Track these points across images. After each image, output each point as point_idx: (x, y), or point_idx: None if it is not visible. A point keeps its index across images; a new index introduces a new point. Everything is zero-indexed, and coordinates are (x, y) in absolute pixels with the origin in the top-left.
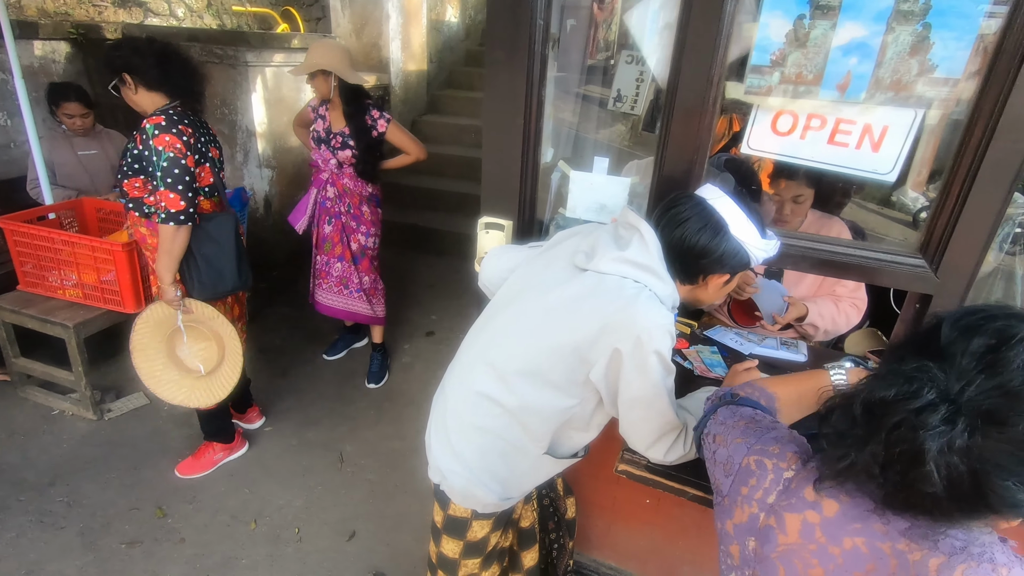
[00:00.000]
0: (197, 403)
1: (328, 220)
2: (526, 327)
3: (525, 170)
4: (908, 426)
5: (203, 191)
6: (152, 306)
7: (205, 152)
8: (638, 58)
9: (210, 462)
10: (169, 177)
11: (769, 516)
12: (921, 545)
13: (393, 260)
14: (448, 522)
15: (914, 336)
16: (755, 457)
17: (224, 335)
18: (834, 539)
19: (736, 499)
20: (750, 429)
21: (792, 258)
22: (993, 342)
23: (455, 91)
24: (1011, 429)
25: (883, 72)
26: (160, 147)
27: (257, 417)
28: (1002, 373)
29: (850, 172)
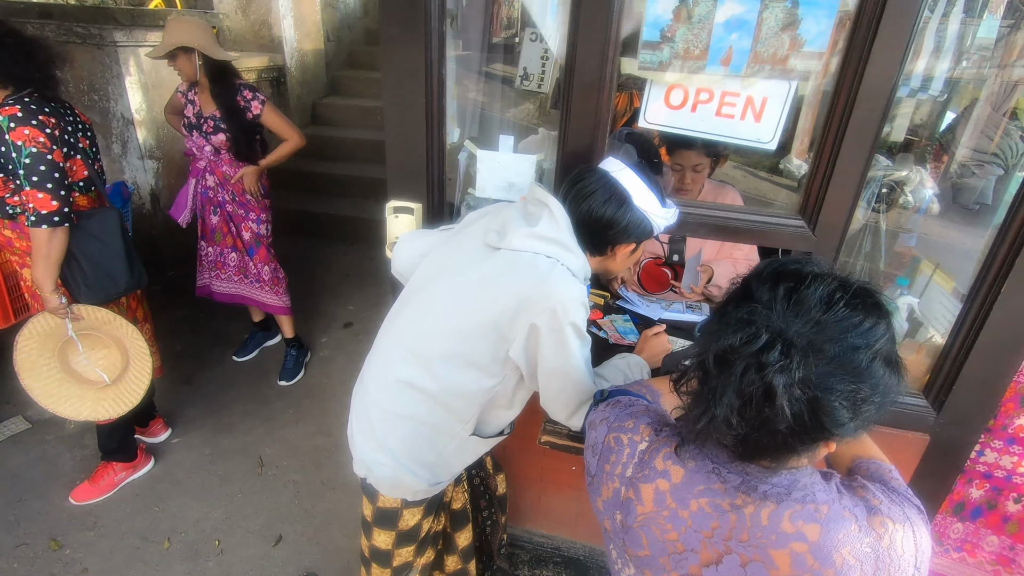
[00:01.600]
0: (107, 414)
1: (213, 210)
2: (443, 310)
3: (431, 151)
4: (755, 368)
5: (77, 186)
6: (35, 318)
7: (74, 143)
8: (541, 36)
9: (110, 484)
10: (35, 175)
11: (629, 489)
12: (753, 497)
13: (304, 250)
14: (378, 514)
15: (730, 296)
16: (614, 435)
17: (125, 338)
18: (683, 503)
19: (602, 477)
20: (612, 410)
21: (691, 225)
22: (791, 284)
23: (357, 71)
24: (828, 354)
25: (761, 47)
26: (19, 142)
27: (162, 429)
28: (808, 309)
29: (737, 142)
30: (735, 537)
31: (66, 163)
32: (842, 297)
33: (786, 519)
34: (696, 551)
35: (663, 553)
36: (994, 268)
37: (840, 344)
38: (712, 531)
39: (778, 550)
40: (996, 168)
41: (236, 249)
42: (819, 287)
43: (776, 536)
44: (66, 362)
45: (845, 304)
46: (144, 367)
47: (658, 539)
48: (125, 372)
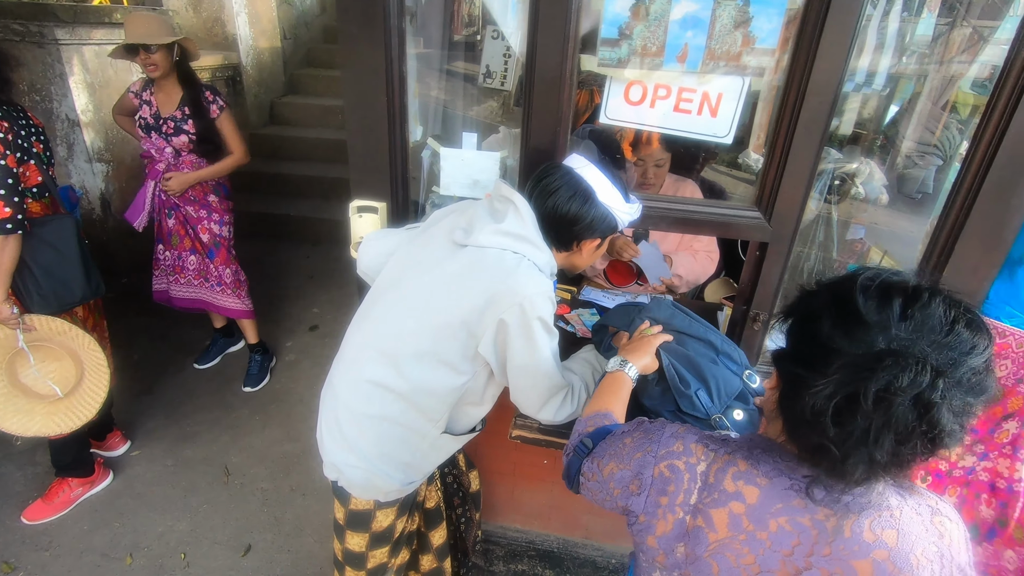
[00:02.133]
0: (59, 429)
1: (168, 212)
2: (412, 308)
3: (394, 149)
4: (915, 403)
5: (30, 192)
6: None
7: (28, 147)
8: (503, 34)
9: (66, 501)
10: None
11: (696, 517)
12: (835, 510)
13: (266, 253)
14: (350, 517)
15: (811, 309)
16: (665, 463)
17: (80, 349)
18: (761, 524)
19: (655, 512)
20: (643, 439)
21: (653, 219)
22: (903, 300)
23: (316, 70)
24: (957, 378)
25: (715, 44)
26: None
27: (120, 442)
28: (932, 329)
29: (695, 136)
30: (816, 552)
31: (19, 168)
32: (959, 317)
33: (867, 528)
34: (773, 571)
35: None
36: (935, 253)
37: (964, 367)
38: (792, 549)
39: (860, 560)
40: (936, 159)
41: (195, 252)
42: (938, 306)
43: (859, 547)
44: (14, 375)
45: (965, 325)
46: (100, 379)
47: (732, 566)
48: (79, 384)
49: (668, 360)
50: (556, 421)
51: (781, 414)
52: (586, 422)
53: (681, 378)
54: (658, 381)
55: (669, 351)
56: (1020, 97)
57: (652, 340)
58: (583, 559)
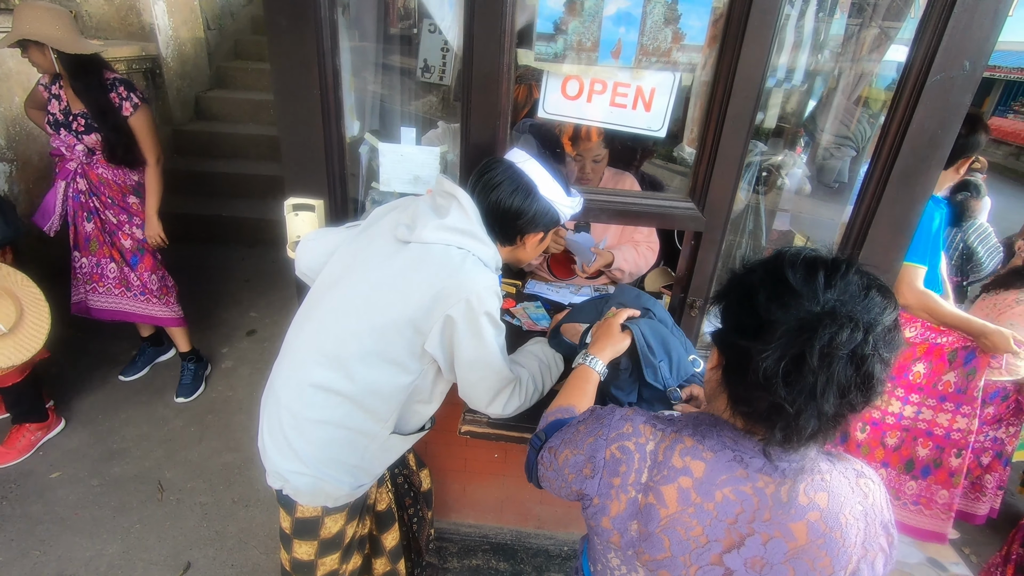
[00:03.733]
0: (9, 363)
1: (87, 216)
2: (356, 308)
3: (329, 145)
4: (853, 359)
5: None
6: None
7: None
8: (439, 27)
9: (27, 444)
10: None
11: (647, 495)
12: (774, 477)
13: (197, 256)
14: (298, 525)
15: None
16: (616, 445)
17: (15, 285)
18: (708, 496)
19: (608, 493)
20: (595, 424)
21: (594, 211)
22: (825, 272)
23: (244, 62)
24: (877, 330)
25: (646, 39)
26: None
27: (56, 422)
28: (853, 295)
29: (630, 130)
30: (758, 518)
31: None
32: (871, 283)
33: (801, 492)
34: (720, 540)
35: (685, 551)
36: (852, 237)
37: (881, 324)
38: (736, 517)
39: (797, 522)
40: (851, 150)
41: (113, 259)
42: (854, 275)
43: (795, 510)
44: None
45: (877, 290)
46: (41, 312)
47: (682, 538)
48: (21, 320)
49: (638, 330)
50: (505, 414)
51: (726, 388)
52: (547, 417)
53: (650, 347)
54: (630, 370)
55: (639, 324)
56: (920, 93)
57: (614, 321)
58: (536, 548)
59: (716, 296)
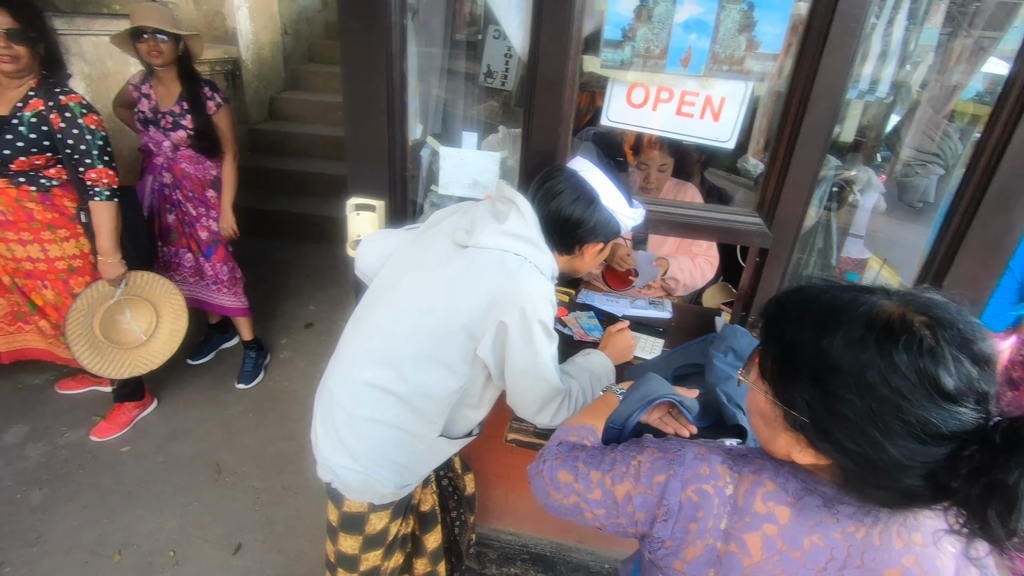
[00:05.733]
0: (146, 369)
1: (169, 208)
2: (411, 310)
3: (392, 147)
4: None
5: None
6: (86, 291)
7: None
8: (504, 34)
9: (126, 421)
10: (106, 156)
11: (728, 543)
12: (864, 521)
13: (263, 250)
14: (344, 519)
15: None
16: (693, 488)
17: (162, 295)
18: (795, 543)
19: (684, 538)
20: (663, 461)
21: (654, 223)
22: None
23: (317, 66)
24: None
25: (718, 47)
26: (92, 126)
27: (150, 400)
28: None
29: (696, 140)
30: (849, 565)
31: None
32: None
33: (895, 535)
34: None
35: None
36: (936, 263)
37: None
38: (826, 564)
39: (891, 568)
40: (938, 167)
41: (190, 250)
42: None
43: (889, 555)
44: (107, 327)
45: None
46: (180, 319)
47: None
48: (158, 328)
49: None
50: (552, 425)
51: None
52: (568, 431)
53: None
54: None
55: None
56: (1023, 109)
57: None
58: (576, 563)
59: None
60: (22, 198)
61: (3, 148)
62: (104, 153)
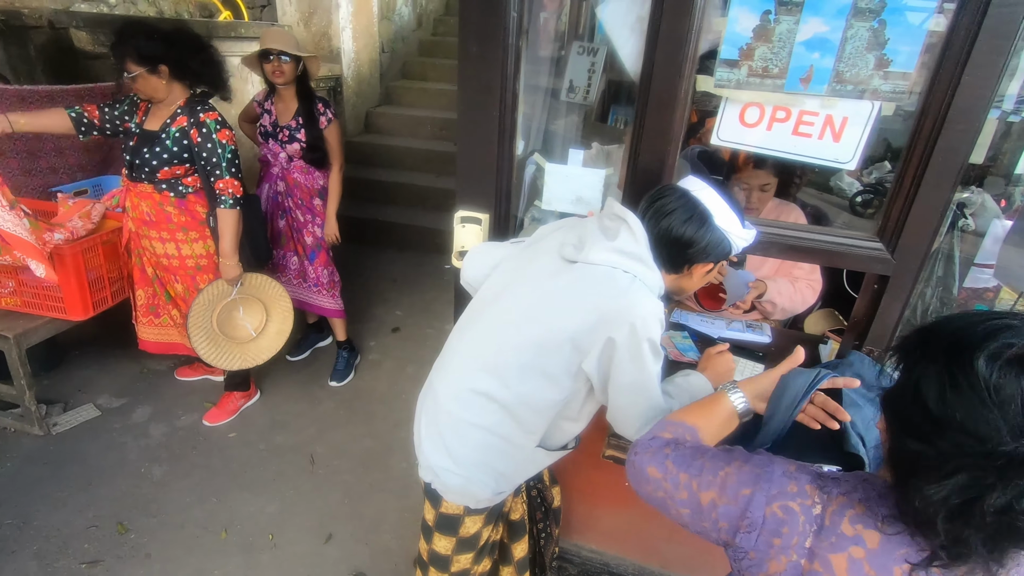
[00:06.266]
0: (253, 363)
1: (280, 215)
2: (517, 321)
3: (501, 163)
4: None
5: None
6: (207, 288)
7: None
8: (589, 48)
9: (233, 408)
10: (233, 167)
11: (812, 561)
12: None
13: (352, 256)
14: (440, 519)
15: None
16: (779, 503)
17: (273, 297)
18: (884, 569)
19: (767, 552)
20: (750, 475)
21: (762, 245)
22: None
23: (409, 82)
24: None
25: (843, 66)
26: (224, 140)
27: (254, 391)
28: None
29: (813, 161)
30: None
31: None
32: None
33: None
34: None
35: None
36: None
37: None
38: None
39: None
40: None
41: (297, 254)
42: None
43: None
44: (223, 322)
45: None
46: (287, 319)
47: None
48: (266, 327)
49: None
50: None
51: (891, 467)
52: (666, 426)
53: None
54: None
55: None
56: None
57: (772, 374)
58: None
59: (895, 353)
60: (163, 202)
61: (153, 159)
62: (232, 165)
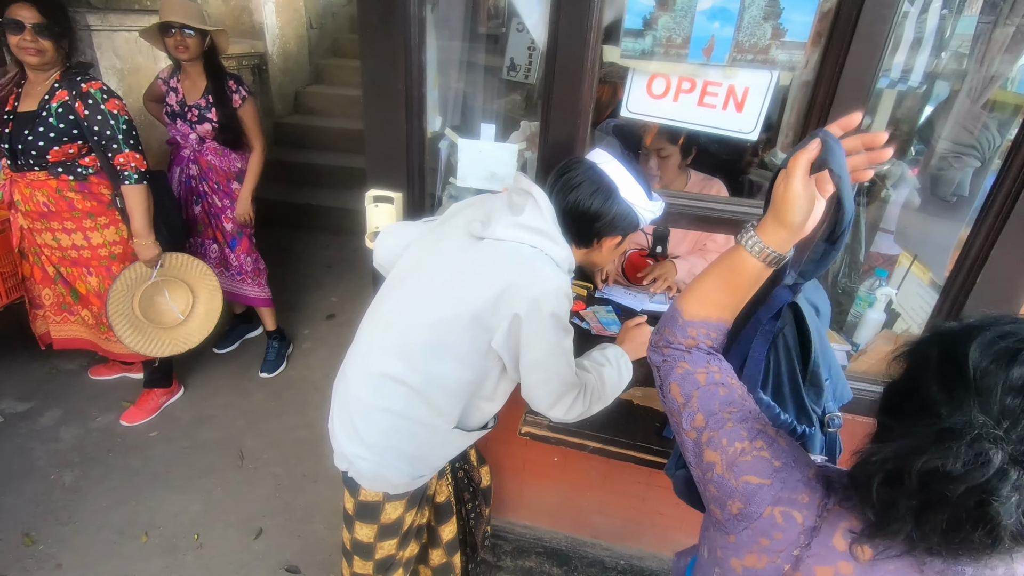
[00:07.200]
0: (183, 348)
1: (195, 200)
2: (426, 301)
3: (411, 139)
4: (976, 497)
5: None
6: (124, 273)
7: None
8: (527, 27)
9: (155, 407)
10: (132, 139)
11: (797, 568)
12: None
13: (286, 241)
14: (360, 508)
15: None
16: (782, 508)
17: (197, 276)
18: None
19: (750, 545)
20: (767, 466)
21: (674, 216)
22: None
23: (341, 60)
24: None
25: (742, 36)
26: (115, 111)
27: (177, 387)
28: None
29: (719, 132)
30: None
31: None
32: None
33: None
34: None
35: None
36: (969, 259)
37: None
38: None
39: None
40: (974, 160)
41: (216, 241)
42: None
43: None
44: (146, 307)
45: None
46: (215, 298)
47: None
48: (194, 309)
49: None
50: (567, 420)
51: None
52: (688, 327)
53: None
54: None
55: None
56: None
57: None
58: (591, 558)
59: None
60: (62, 188)
61: (38, 140)
62: (129, 137)
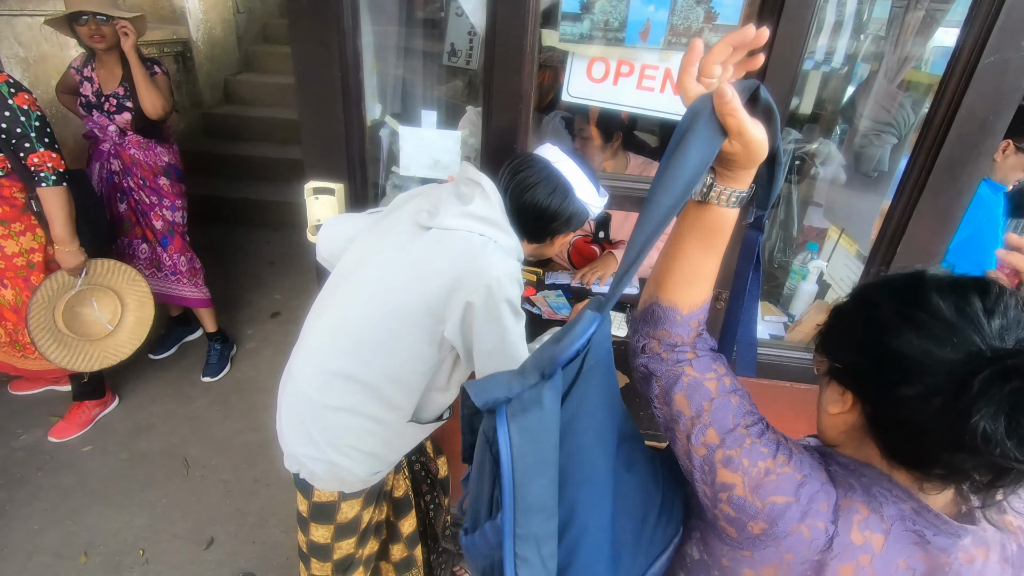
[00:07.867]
0: (115, 359)
1: (120, 197)
2: (374, 295)
3: (350, 128)
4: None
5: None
6: (44, 284)
7: None
8: (466, 10)
9: (87, 419)
10: (46, 137)
11: (818, 572)
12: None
13: (224, 238)
14: (314, 509)
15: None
16: (808, 524)
17: (126, 283)
18: (886, 570)
19: (771, 560)
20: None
21: (617, 199)
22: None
23: (272, 46)
24: None
25: (676, 19)
26: (25, 106)
27: (111, 398)
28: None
29: (658, 115)
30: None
31: None
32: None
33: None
34: None
35: None
36: (890, 231)
37: None
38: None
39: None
40: (891, 137)
41: (146, 240)
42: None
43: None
44: (71, 319)
45: None
46: (146, 306)
47: None
48: (123, 317)
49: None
50: None
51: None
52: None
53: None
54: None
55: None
56: (971, 77)
57: None
58: None
59: (828, 329)
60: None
61: None
62: (43, 135)
